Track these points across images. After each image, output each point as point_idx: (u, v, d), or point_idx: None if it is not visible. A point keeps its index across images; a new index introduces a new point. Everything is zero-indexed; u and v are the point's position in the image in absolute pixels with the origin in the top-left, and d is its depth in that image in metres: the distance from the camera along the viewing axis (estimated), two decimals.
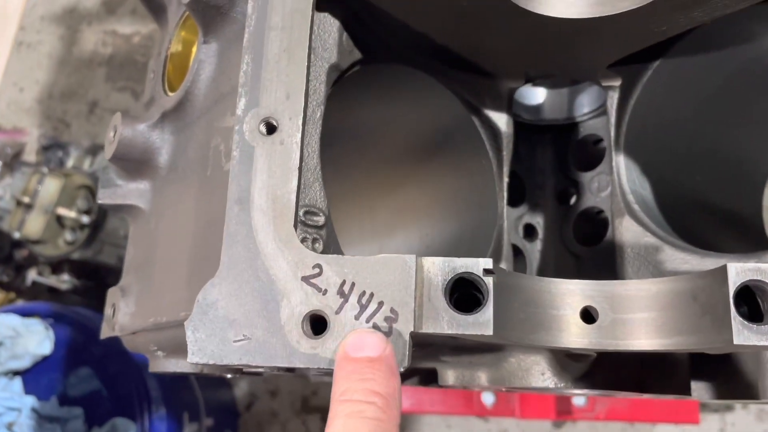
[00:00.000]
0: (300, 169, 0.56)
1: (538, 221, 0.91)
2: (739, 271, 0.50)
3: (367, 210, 0.95)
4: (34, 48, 2.39)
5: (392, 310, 0.51)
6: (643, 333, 0.56)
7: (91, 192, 1.90)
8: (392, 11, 0.66)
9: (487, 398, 1.74)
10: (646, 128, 0.79)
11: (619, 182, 0.76)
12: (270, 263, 0.53)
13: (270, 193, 0.54)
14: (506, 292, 0.54)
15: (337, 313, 0.51)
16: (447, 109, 0.78)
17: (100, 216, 1.85)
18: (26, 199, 1.81)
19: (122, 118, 0.74)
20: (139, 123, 0.74)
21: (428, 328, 0.51)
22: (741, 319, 0.49)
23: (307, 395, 1.90)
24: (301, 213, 0.57)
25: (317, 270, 0.52)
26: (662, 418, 1.71)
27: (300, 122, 0.56)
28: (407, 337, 0.50)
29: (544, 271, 0.88)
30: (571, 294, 0.57)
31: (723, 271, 0.50)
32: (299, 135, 0.56)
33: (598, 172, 0.84)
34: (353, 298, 0.51)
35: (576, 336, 0.56)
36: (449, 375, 0.75)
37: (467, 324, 0.51)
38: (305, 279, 0.52)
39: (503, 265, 0.76)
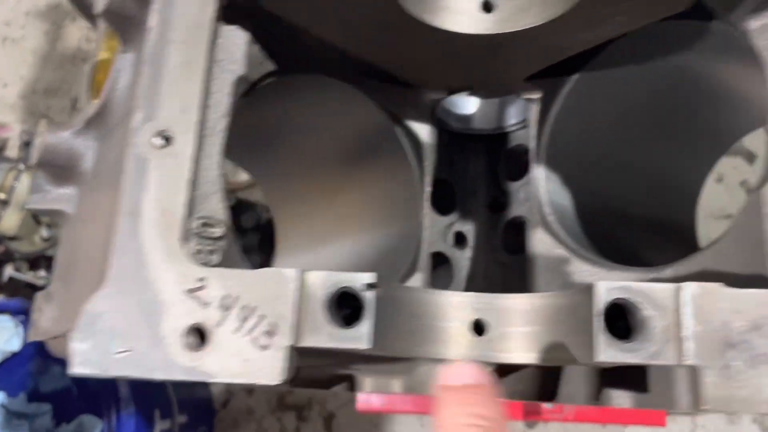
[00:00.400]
0: (193, 182, 0.57)
1: (468, 229, 0.92)
2: (608, 288, 0.51)
3: (306, 217, 0.96)
4: (18, 44, 2.41)
5: (272, 324, 0.52)
6: (525, 346, 0.57)
7: None
8: (303, 27, 0.67)
9: None
10: (568, 140, 0.79)
11: (537, 193, 0.77)
12: (156, 275, 0.54)
13: (159, 206, 0.56)
14: (394, 305, 0.56)
15: (218, 326, 0.52)
16: (370, 118, 0.79)
17: None
18: (2, 196, 1.82)
19: (48, 125, 0.75)
20: (63, 130, 0.75)
21: (308, 341, 0.52)
22: (605, 336, 0.50)
23: (283, 393, 1.91)
24: (197, 224, 0.58)
25: (202, 283, 0.53)
26: (628, 420, 1.72)
27: (193, 136, 0.57)
28: (286, 351, 0.52)
29: (472, 278, 0.89)
30: (462, 307, 0.59)
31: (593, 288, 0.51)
32: (192, 148, 0.57)
33: (525, 182, 0.84)
34: (235, 312, 0.53)
35: (463, 348, 0.58)
36: (366, 382, 0.77)
37: (345, 338, 0.52)
38: (189, 292, 0.53)
39: (419, 275, 0.77)
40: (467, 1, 0.66)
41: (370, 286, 0.53)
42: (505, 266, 0.87)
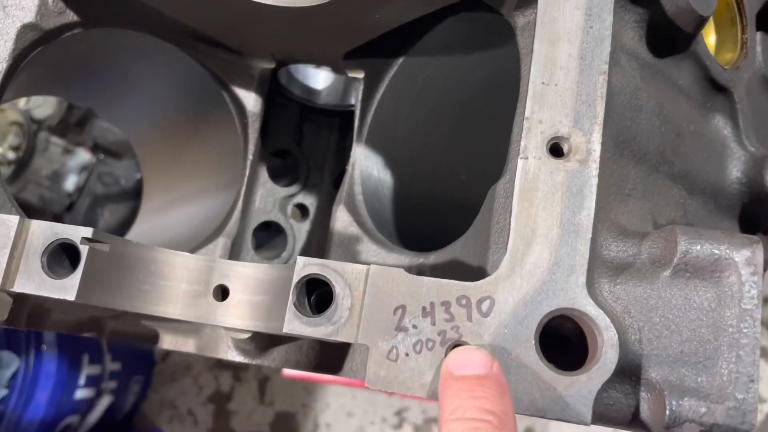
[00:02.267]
0: None
1: (311, 202, 0.93)
2: (306, 263, 0.52)
3: (165, 170, 0.97)
4: None
5: None
6: (256, 314, 0.58)
7: (23, 130, 1.95)
8: None
9: None
10: (391, 123, 0.80)
11: (352, 173, 0.78)
12: None
13: None
14: (125, 261, 0.57)
15: None
16: (198, 81, 0.80)
17: (27, 154, 1.90)
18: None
19: None
20: None
21: (19, 287, 0.54)
22: (293, 309, 0.51)
23: None
24: None
25: None
26: None
27: None
28: None
29: (306, 251, 0.90)
30: (205, 271, 0.60)
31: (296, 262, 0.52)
32: None
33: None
34: None
35: (202, 311, 0.59)
36: (166, 339, 0.78)
37: (54, 287, 0.54)
38: None
39: (222, 240, 0.78)
40: None
41: (88, 240, 0.54)
42: None
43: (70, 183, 1.75)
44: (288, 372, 1.71)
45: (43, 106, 1.74)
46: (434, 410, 1.87)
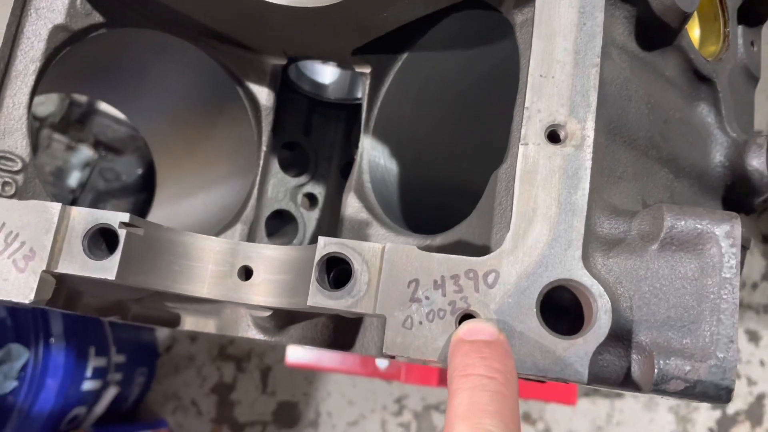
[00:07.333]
0: None
1: (320, 192, 0.97)
2: (326, 243, 0.57)
3: (179, 162, 1.02)
4: None
5: (31, 250, 0.59)
6: (279, 291, 0.63)
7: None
8: None
9: (381, 362, 1.81)
10: (396, 114, 0.85)
11: (360, 162, 0.83)
12: None
13: None
14: (157, 244, 0.62)
15: None
16: (213, 77, 0.84)
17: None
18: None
19: None
20: None
21: (63, 268, 0.59)
22: (316, 283, 0.56)
23: (224, 344, 1.99)
24: None
25: None
26: (537, 396, 1.78)
27: None
28: (38, 275, 0.58)
29: (315, 238, 0.95)
30: (231, 253, 0.65)
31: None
32: None
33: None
34: (1, 237, 0.59)
35: (228, 290, 0.64)
36: (187, 321, 0.83)
37: (96, 268, 0.58)
38: None
39: (240, 226, 0.83)
40: None
41: (125, 224, 0.59)
42: None
43: (73, 179, 1.78)
44: (291, 361, 1.76)
45: (45, 103, 1.76)
46: (433, 397, 1.92)
